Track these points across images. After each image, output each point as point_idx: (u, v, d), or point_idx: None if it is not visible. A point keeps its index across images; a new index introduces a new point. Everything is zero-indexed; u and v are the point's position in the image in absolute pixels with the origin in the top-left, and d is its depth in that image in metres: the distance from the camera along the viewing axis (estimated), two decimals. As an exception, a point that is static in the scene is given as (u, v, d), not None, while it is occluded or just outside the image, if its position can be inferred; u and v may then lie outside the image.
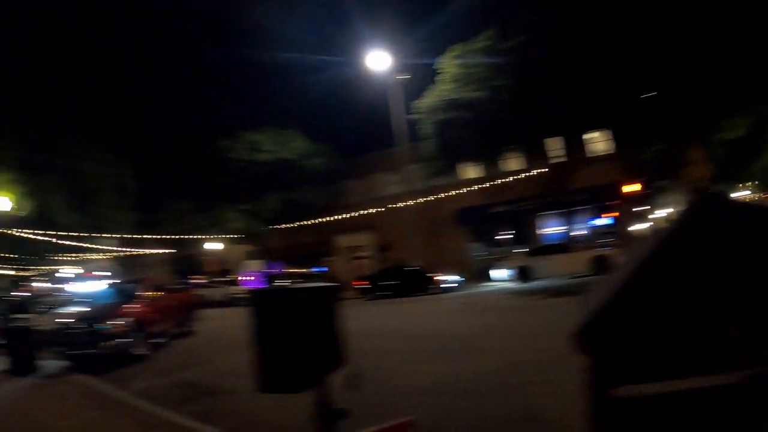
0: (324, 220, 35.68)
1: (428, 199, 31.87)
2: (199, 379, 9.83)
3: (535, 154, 30.02)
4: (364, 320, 16.30)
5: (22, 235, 30.23)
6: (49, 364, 13.16)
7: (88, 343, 12.66)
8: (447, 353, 10.29)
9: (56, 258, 49.66)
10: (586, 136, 30.34)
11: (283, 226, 37.50)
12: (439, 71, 26.59)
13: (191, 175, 38.27)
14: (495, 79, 24.13)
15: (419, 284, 26.93)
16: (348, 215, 34.69)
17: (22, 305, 24.76)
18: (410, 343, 12.17)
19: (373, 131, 34.02)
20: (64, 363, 13.13)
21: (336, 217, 35.33)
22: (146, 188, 35.37)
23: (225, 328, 18.31)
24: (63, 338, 13.33)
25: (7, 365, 12.71)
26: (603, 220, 32.02)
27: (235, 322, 20.09)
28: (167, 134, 39.29)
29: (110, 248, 45.04)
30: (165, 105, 56.51)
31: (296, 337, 2.53)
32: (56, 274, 66.03)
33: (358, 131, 36.62)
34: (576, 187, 30.40)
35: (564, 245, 28.52)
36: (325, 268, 38.00)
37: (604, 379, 1.89)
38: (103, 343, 12.47)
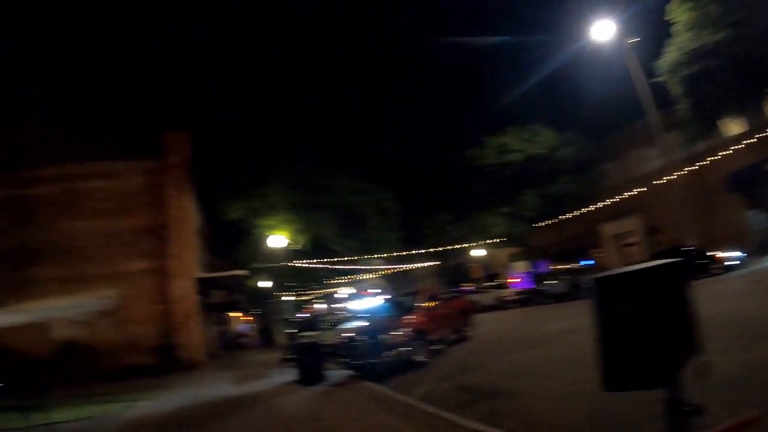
0: (585, 210, 33.83)
1: (693, 167, 28.01)
2: (479, 383, 9.55)
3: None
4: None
5: (301, 265, 33.35)
6: (335, 374, 14.02)
7: (372, 354, 13.24)
8: (745, 340, 8.62)
9: (331, 281, 54.05)
10: None
11: (544, 223, 36.39)
12: (671, 21, 23.41)
13: (446, 189, 39.39)
14: (734, 13, 20.62)
15: (700, 265, 23.77)
16: (609, 201, 32.41)
17: (308, 324, 27.08)
18: (709, 330, 10.49)
19: (617, 106, 31.37)
20: (349, 372, 13.94)
21: (597, 205, 33.18)
22: (406, 208, 36.88)
23: (499, 332, 18.29)
24: (347, 350, 14.24)
25: (297, 376, 13.75)
26: None
27: (508, 324, 19.95)
28: (417, 156, 41.03)
29: (380, 267, 48.17)
30: (409, 128, 59.25)
31: (646, 325, 2.12)
32: (334, 296, 72.14)
33: (602, 110, 34.10)
34: None
35: None
36: (593, 261, 35.89)
37: None
38: (385, 353, 12.93)
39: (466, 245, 41.64)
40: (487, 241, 39.89)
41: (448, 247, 41.91)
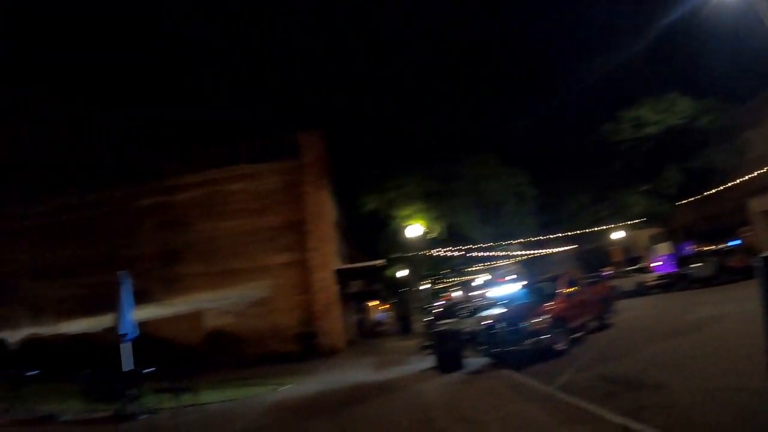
0: (730, 185, 31.14)
1: None
2: (622, 373, 9.10)
3: None
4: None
5: (438, 253, 33.50)
6: (473, 361, 13.96)
7: (511, 341, 13.09)
8: None
9: (468, 269, 53.87)
10: None
11: (687, 200, 34.08)
12: None
13: (582, 169, 37.71)
14: None
15: None
16: (756, 173, 29.55)
17: (446, 311, 27.17)
18: None
19: (753, 65, 28.36)
20: (488, 360, 13.84)
21: (743, 178, 30.48)
22: (542, 191, 35.61)
23: (642, 319, 17.41)
24: (486, 338, 14.11)
25: (435, 363, 13.79)
26: None
27: (652, 311, 18.93)
28: (551, 137, 39.74)
29: (516, 253, 47.31)
30: (541, 109, 57.80)
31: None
32: (471, 283, 71.84)
33: (737, 71, 30.91)
34: None
35: None
36: (739, 241, 33.00)
37: None
38: (525, 341, 12.70)
39: (605, 227, 39.95)
40: (627, 222, 37.96)
41: (586, 230, 40.36)
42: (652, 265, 34.44)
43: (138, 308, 11.77)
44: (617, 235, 43.10)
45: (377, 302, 56.86)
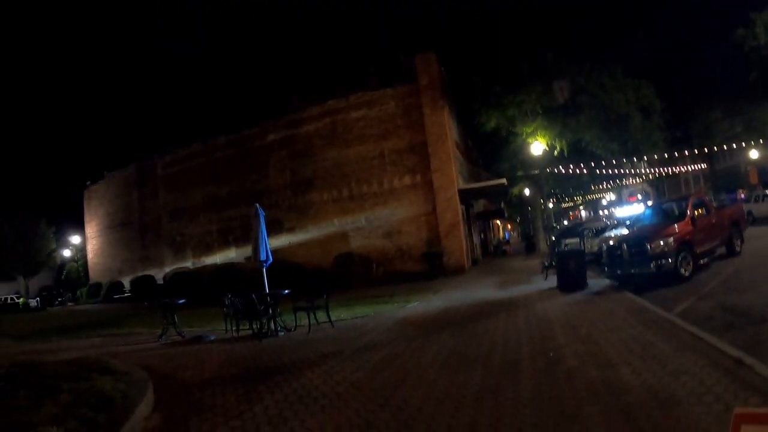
0: None
1: None
2: (746, 305, 8.70)
3: None
4: None
5: (561, 171, 32.70)
6: (595, 282, 13.93)
7: (634, 264, 12.98)
8: None
9: (593, 188, 52.16)
10: None
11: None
12: None
13: (714, 81, 34.88)
14: None
15: None
16: None
17: (570, 231, 26.84)
18: None
19: None
20: (610, 282, 13.76)
21: None
22: (671, 105, 33.14)
23: None
24: (609, 259, 14.06)
25: (558, 283, 13.96)
26: None
27: None
28: (678, 44, 36.93)
29: (643, 171, 44.97)
30: (667, 13, 53.58)
31: None
32: (597, 202, 69.78)
33: None
34: None
35: None
36: None
37: None
38: (648, 264, 12.49)
39: (740, 145, 37.03)
40: (764, 139, 34.95)
41: (718, 148, 37.56)
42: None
43: (272, 237, 12.67)
44: (752, 154, 39.59)
45: (501, 221, 56.80)
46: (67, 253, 52.89)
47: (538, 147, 26.67)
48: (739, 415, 1.76)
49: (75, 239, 46.24)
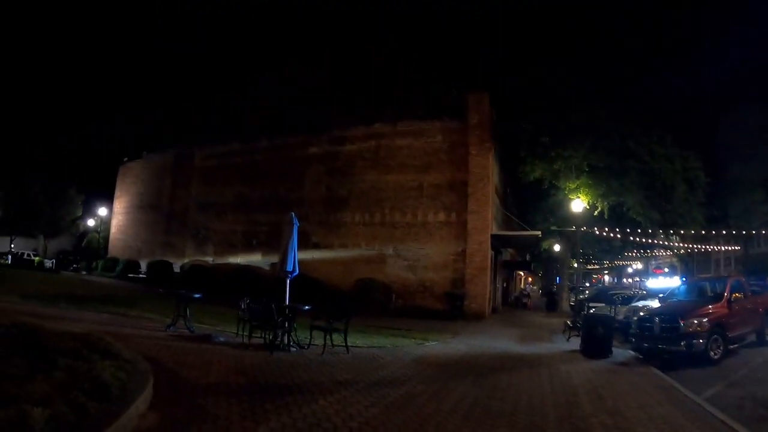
0: None
1: None
2: None
3: None
4: None
5: (598, 233, 32.16)
6: (619, 352, 13.42)
7: (663, 339, 12.46)
8: None
9: (624, 254, 51.25)
10: None
11: None
12: None
13: (760, 162, 34.17)
14: None
15: None
16: None
17: (599, 295, 26.15)
18: None
19: None
20: (634, 354, 13.30)
21: None
22: (714, 180, 32.55)
23: None
24: (638, 330, 13.50)
25: (581, 347, 13.56)
26: None
27: None
28: (728, 120, 36.27)
29: (676, 245, 44.03)
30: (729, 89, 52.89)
31: None
32: (624, 269, 68.65)
33: None
34: None
35: None
36: None
37: None
38: (679, 342, 11.97)
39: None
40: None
41: (756, 232, 36.70)
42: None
43: (298, 249, 12.30)
44: None
45: (525, 273, 56.05)
46: (91, 222, 53.37)
47: (579, 204, 26.20)
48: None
49: (102, 211, 46.49)
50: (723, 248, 48.37)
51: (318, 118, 28.24)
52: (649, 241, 36.50)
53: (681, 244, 43.94)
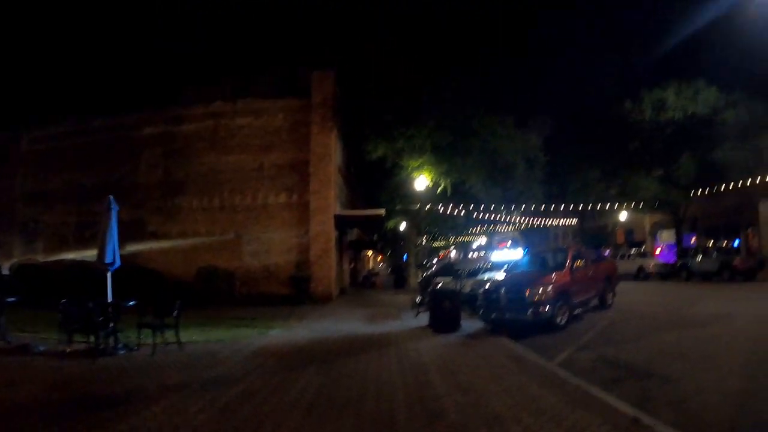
0: (744, 184, 30.61)
1: None
2: (626, 358, 8.86)
3: None
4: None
5: (441, 210, 32.97)
6: (467, 324, 13.61)
7: (510, 309, 12.91)
8: None
9: (468, 230, 53.39)
10: None
11: (698, 192, 33.65)
12: None
13: (598, 143, 36.94)
14: None
15: None
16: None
17: (444, 270, 26.79)
18: None
19: None
20: (483, 325, 13.56)
21: (758, 179, 29.95)
22: (554, 159, 34.74)
23: (644, 304, 17.17)
24: (485, 302, 13.87)
25: (430, 322, 13.55)
26: None
27: (653, 298, 18.78)
28: (570, 104, 38.80)
29: (518, 220, 46.88)
30: (565, 74, 56.40)
31: None
32: (469, 244, 71.86)
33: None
34: None
35: None
36: (737, 241, 33.11)
37: None
38: (525, 310, 12.47)
39: (611, 207, 39.43)
40: (634, 204, 37.29)
41: (591, 207, 39.94)
42: (656, 252, 34.48)
43: (132, 239, 11.17)
44: (622, 216, 43.18)
45: (372, 253, 56.75)
46: None
47: (422, 182, 26.61)
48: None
49: None
50: (561, 222, 51.85)
51: (157, 91, 26.36)
52: (492, 216, 38.12)
53: (521, 219, 46.74)
